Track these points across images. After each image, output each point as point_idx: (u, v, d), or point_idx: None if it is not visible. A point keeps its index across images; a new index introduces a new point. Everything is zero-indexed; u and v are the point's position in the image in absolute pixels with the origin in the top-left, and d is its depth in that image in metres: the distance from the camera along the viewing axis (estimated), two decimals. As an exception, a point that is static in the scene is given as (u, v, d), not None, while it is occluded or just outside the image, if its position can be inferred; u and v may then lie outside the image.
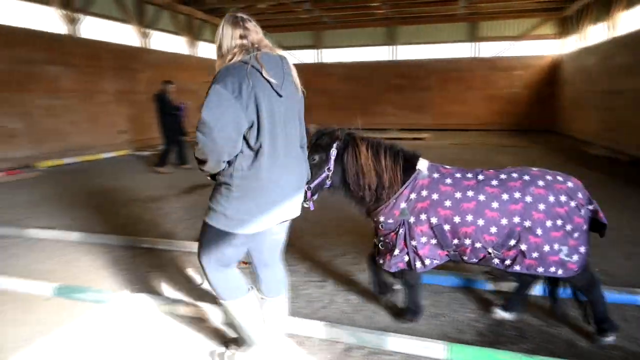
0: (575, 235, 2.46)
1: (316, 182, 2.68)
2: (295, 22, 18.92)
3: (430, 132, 16.78)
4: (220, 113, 1.95)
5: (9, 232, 4.92)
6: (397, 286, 3.25)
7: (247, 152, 2.09)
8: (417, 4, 15.67)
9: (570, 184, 2.52)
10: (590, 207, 2.52)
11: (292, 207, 2.25)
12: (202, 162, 2.10)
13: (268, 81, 2.04)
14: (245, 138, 2.07)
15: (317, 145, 2.75)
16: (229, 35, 2.14)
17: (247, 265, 2.53)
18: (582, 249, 2.49)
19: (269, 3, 15.27)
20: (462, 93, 18.18)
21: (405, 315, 2.94)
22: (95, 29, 12.39)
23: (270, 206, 2.13)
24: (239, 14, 2.22)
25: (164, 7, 14.77)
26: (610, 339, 2.63)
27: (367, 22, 18.67)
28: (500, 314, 2.95)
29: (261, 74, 2.03)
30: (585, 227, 2.49)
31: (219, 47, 2.18)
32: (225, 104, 1.96)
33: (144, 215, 5.69)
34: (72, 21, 11.36)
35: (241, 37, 2.14)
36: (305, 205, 2.56)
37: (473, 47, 18.32)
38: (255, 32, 2.19)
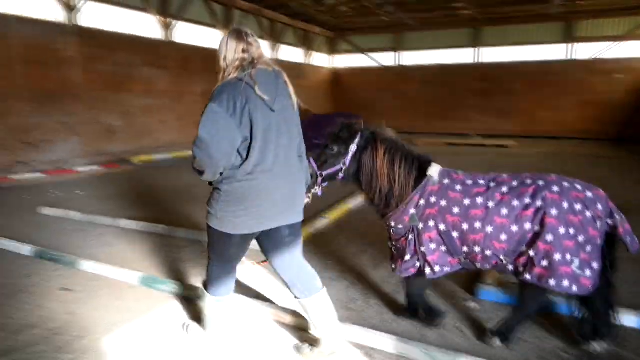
0: (588, 249, 2.31)
1: (329, 171, 2.79)
2: (376, 24, 18.80)
3: (515, 139, 15.80)
4: (216, 131, 2.14)
5: (104, 221, 5.37)
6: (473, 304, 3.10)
7: (238, 161, 2.27)
8: (506, 4, 14.84)
9: (589, 194, 2.37)
10: (610, 221, 2.34)
11: (287, 213, 2.41)
12: (200, 172, 2.27)
13: (261, 97, 2.19)
14: (237, 150, 2.24)
15: (337, 137, 2.83)
16: (232, 48, 2.29)
17: (266, 263, 2.63)
18: (595, 265, 2.32)
19: (351, 5, 15.30)
20: (553, 98, 16.88)
21: (426, 321, 2.95)
22: (187, 34, 13.21)
23: (258, 211, 2.30)
24: (243, 29, 2.37)
25: (250, 12, 15.38)
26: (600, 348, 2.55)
27: (451, 24, 18.04)
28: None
29: (254, 90, 2.19)
30: (599, 241, 2.32)
31: (223, 59, 2.32)
32: (221, 122, 2.15)
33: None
34: (167, 27, 12.21)
35: (244, 50, 2.29)
36: (314, 191, 2.78)
37: (567, 48, 16.95)
38: (257, 47, 2.35)
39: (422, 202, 2.61)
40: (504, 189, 2.48)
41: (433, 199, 2.59)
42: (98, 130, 10.37)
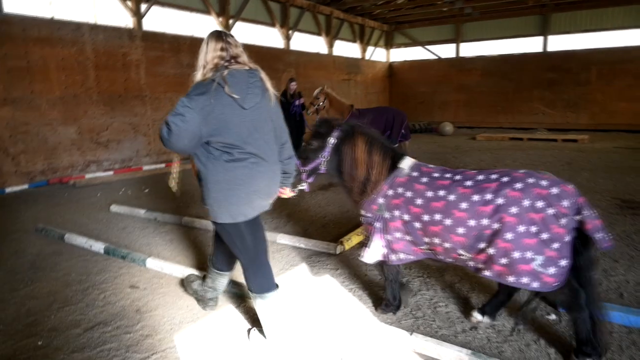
0: (555, 245, 2.27)
1: (311, 166, 3.01)
2: (435, 15, 18.20)
3: (587, 133, 14.69)
4: (182, 121, 2.31)
5: (168, 219, 5.53)
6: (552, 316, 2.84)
7: (216, 154, 2.45)
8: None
9: (554, 190, 2.30)
10: (578, 217, 2.28)
11: (268, 199, 2.65)
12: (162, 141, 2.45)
13: (230, 96, 2.36)
14: (212, 144, 2.43)
15: (316, 132, 3.03)
16: (212, 47, 2.49)
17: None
18: (563, 262, 2.27)
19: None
20: (633, 88, 15.48)
21: (381, 306, 3.12)
22: (244, 33, 13.43)
23: (248, 198, 2.49)
24: (223, 30, 2.57)
25: (306, 9, 15.39)
26: None
27: (516, 11, 17.08)
28: (477, 317, 2.89)
29: (224, 90, 2.35)
30: (567, 238, 2.27)
31: (204, 57, 2.50)
32: (187, 117, 2.31)
33: (284, 209, 5.92)
34: (227, 27, 12.46)
35: (222, 49, 2.47)
36: (301, 187, 3.04)
37: (649, 32, 15.48)
38: (235, 46, 2.52)
39: (390, 192, 2.74)
40: (468, 183, 2.51)
41: (400, 190, 2.70)
42: (162, 130, 10.78)
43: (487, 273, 2.45)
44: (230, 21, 12.59)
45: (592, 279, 2.41)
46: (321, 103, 8.43)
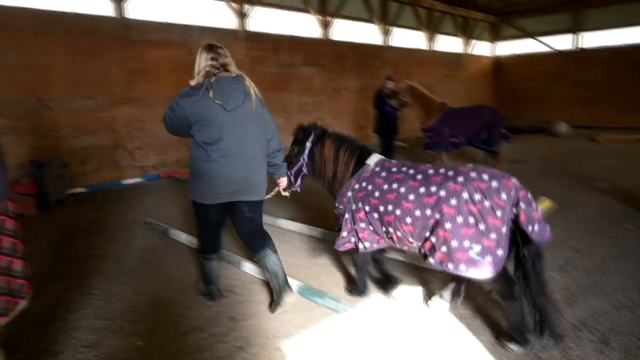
0: (492, 236, 2.39)
1: (294, 169, 3.44)
2: (549, 3, 16.48)
3: None
4: (172, 118, 2.92)
5: (266, 220, 5.48)
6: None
7: (200, 145, 2.91)
8: None
9: (494, 184, 2.43)
10: (515, 209, 2.40)
11: (243, 192, 3.02)
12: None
13: (214, 100, 2.79)
14: (195, 139, 2.93)
15: (295, 138, 3.46)
16: (204, 57, 2.89)
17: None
18: (500, 252, 2.40)
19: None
20: None
21: (350, 289, 3.46)
22: (343, 30, 13.28)
23: (216, 187, 2.94)
24: (215, 43, 2.96)
25: (407, 3, 14.82)
26: (512, 347, 2.58)
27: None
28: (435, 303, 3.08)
29: (209, 94, 2.78)
30: (504, 229, 2.39)
31: (197, 66, 2.92)
32: (177, 113, 2.86)
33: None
34: (326, 25, 12.40)
35: (212, 59, 2.87)
36: (293, 190, 3.51)
37: None
38: (224, 57, 2.93)
39: (356, 186, 3.03)
40: (418, 177, 2.70)
41: (364, 184, 2.97)
42: (261, 128, 11.04)
43: (431, 260, 2.61)
44: (329, 19, 12.51)
45: (534, 270, 2.49)
46: (404, 97, 8.01)
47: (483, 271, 2.41)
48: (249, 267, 3.91)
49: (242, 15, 10.38)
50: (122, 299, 3.51)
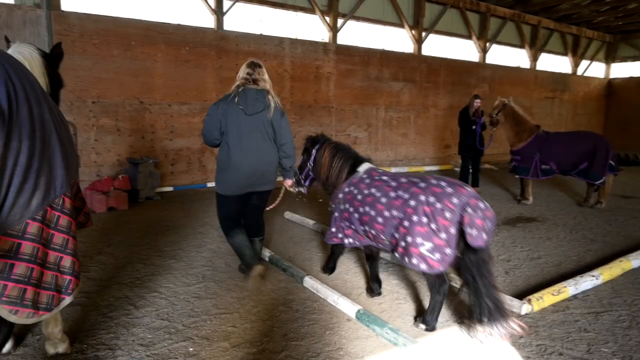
0: (442, 235, 2.71)
1: (303, 173, 4.09)
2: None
3: None
4: (209, 118, 3.59)
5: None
6: None
7: (224, 144, 3.60)
8: None
9: (448, 190, 2.77)
10: (462, 213, 2.66)
11: (255, 184, 3.68)
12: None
13: (238, 105, 3.49)
14: (224, 137, 3.60)
15: (305, 147, 4.10)
16: (243, 70, 3.62)
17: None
18: (448, 251, 2.70)
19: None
20: None
21: (323, 268, 4.22)
22: (437, 45, 12.84)
23: (236, 180, 3.60)
24: (256, 61, 3.68)
25: (509, 19, 13.97)
26: (421, 327, 3.07)
27: None
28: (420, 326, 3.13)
29: (235, 100, 3.50)
30: (452, 230, 2.69)
31: (238, 76, 3.63)
32: (212, 116, 3.57)
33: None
34: (419, 40, 12.08)
35: (248, 74, 3.58)
36: (299, 189, 4.18)
37: None
38: (258, 74, 3.59)
39: (346, 189, 3.49)
40: (393, 184, 3.13)
41: (352, 188, 3.42)
42: (344, 141, 10.94)
43: (396, 254, 2.99)
44: (424, 34, 12.17)
45: (478, 272, 2.74)
46: (495, 114, 7.59)
47: (432, 267, 2.77)
48: (310, 283, 3.78)
49: (334, 29, 10.46)
50: (183, 300, 3.56)
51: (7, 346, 2.71)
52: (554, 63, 16.28)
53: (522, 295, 3.63)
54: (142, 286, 3.82)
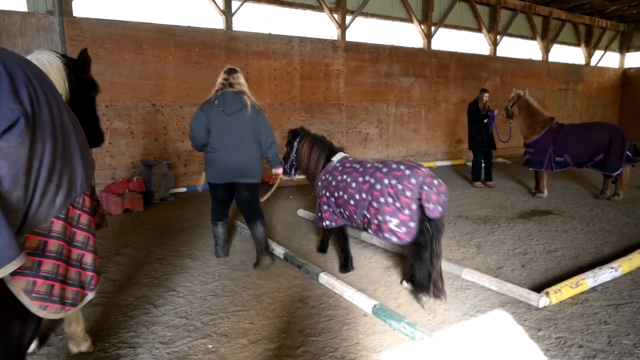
0: (406, 212, 3.16)
1: (288, 163, 4.54)
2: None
3: None
4: (196, 121, 4.03)
5: (349, 232, 5.35)
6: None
7: (210, 141, 4.07)
8: None
9: (407, 172, 3.23)
10: (420, 191, 3.12)
11: (238, 176, 4.11)
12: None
13: (218, 107, 3.98)
14: (208, 135, 4.07)
15: (288, 140, 4.54)
16: (221, 76, 4.12)
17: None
18: (412, 225, 3.16)
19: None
20: None
21: (317, 248, 4.80)
22: (446, 39, 12.75)
23: (218, 170, 4.11)
24: (232, 67, 4.19)
25: (520, 10, 13.81)
26: (428, 299, 3.29)
27: None
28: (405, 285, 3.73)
29: (215, 103, 4.00)
30: (414, 206, 3.15)
31: (216, 82, 4.14)
32: (199, 118, 4.02)
33: (473, 238, 5.17)
34: (429, 35, 12.01)
35: (224, 79, 4.09)
36: (287, 177, 4.68)
37: None
38: (234, 78, 4.09)
39: (323, 177, 4.00)
40: (360, 170, 3.60)
41: (327, 176, 3.94)
42: (355, 138, 10.98)
43: (369, 231, 3.46)
44: (433, 28, 12.09)
45: (432, 240, 3.20)
46: (510, 107, 7.58)
47: (401, 238, 3.22)
48: (325, 280, 3.79)
49: (342, 26, 10.45)
50: (200, 299, 3.60)
51: (32, 346, 2.78)
52: (566, 54, 16.05)
53: (539, 288, 3.60)
54: (160, 285, 3.87)
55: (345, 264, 4.16)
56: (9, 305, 1.78)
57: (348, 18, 10.59)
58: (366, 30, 11.23)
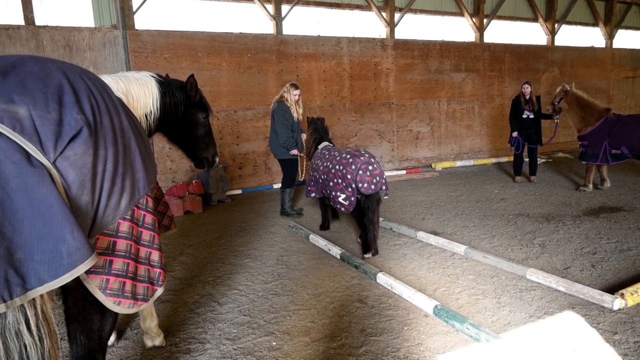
0: (349, 190, 4.40)
1: (304, 147, 6.10)
2: None
3: None
4: (287, 123, 6.11)
5: (403, 230, 5.31)
6: None
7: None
8: None
9: (350, 160, 4.42)
10: (357, 174, 4.33)
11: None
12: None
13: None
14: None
15: (308, 126, 5.85)
16: (287, 90, 6.18)
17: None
18: (352, 199, 4.41)
19: None
20: None
21: (320, 227, 5.76)
22: (499, 31, 12.29)
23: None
24: (294, 84, 6.18)
25: (579, -4, 13.08)
26: (368, 255, 4.44)
27: None
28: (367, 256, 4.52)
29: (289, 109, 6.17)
30: (353, 185, 4.34)
31: (286, 94, 6.19)
32: (288, 119, 6.14)
33: (536, 237, 4.97)
34: (480, 27, 11.64)
35: (294, 93, 6.15)
36: (295, 153, 6.15)
37: None
38: (295, 90, 6.13)
39: (312, 160, 5.40)
40: (327, 156, 4.92)
41: (314, 159, 5.30)
42: (405, 137, 10.84)
43: (331, 203, 4.88)
44: (485, 20, 11.70)
45: (368, 210, 4.43)
46: (556, 102, 7.38)
47: (347, 209, 4.50)
48: (383, 280, 3.78)
49: (391, 24, 10.35)
50: (262, 297, 3.70)
51: (111, 339, 2.98)
52: (633, 39, 15.00)
53: (613, 289, 3.41)
54: (222, 284, 4.02)
55: (323, 225, 5.62)
56: (88, 301, 1.94)
57: (397, 16, 10.48)
58: (415, 27, 11.05)
